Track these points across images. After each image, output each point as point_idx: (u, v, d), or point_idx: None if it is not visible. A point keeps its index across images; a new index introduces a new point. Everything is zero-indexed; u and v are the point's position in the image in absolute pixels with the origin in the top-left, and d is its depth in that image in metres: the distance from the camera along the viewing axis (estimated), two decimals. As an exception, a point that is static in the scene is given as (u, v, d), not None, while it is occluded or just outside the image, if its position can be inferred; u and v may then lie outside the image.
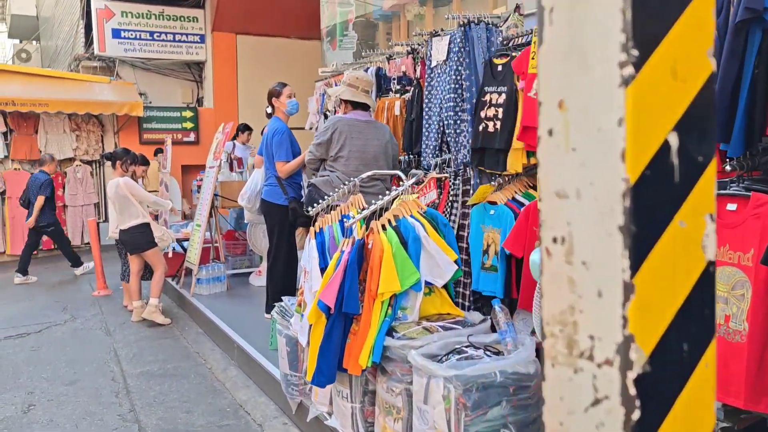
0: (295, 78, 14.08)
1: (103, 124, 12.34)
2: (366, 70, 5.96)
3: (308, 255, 3.50)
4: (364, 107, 4.72)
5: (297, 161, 5.23)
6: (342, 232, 3.46)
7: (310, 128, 8.50)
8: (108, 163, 12.55)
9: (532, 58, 4.02)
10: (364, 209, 3.46)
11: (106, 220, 12.57)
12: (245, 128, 8.86)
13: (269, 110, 5.42)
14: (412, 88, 5.05)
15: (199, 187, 7.89)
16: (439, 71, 4.70)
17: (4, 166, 11.47)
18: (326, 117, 6.88)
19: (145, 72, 13.03)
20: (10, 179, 11.28)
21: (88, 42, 12.90)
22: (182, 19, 12.86)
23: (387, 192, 4.72)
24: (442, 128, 4.72)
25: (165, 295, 7.06)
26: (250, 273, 7.56)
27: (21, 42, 23.41)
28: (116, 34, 12.41)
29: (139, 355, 5.65)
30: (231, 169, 8.19)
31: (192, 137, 12.72)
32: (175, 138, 12.46)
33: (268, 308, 5.48)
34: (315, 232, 3.55)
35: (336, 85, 6.79)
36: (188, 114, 12.80)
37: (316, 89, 8.40)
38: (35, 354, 5.82)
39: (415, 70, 5.38)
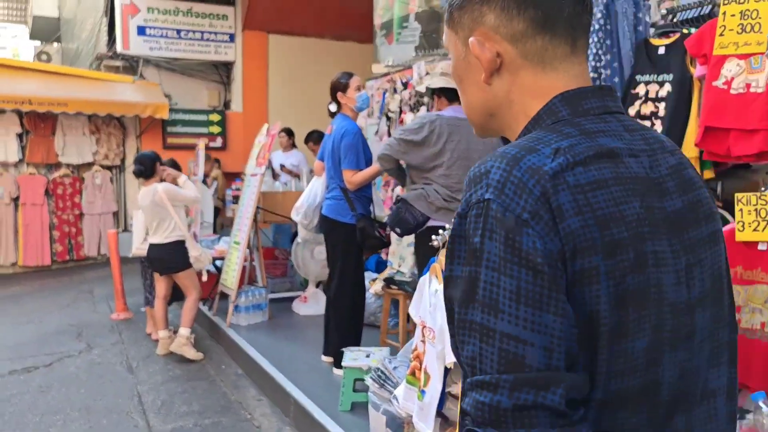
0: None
1: (125, 127, 11.31)
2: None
3: (430, 305, 2.40)
4: (464, 101, 3.63)
5: (370, 171, 4.13)
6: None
7: (359, 134, 7.46)
8: (130, 168, 11.53)
9: (721, 35, 2.90)
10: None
11: (126, 230, 11.54)
12: (288, 133, 7.75)
13: (333, 107, 4.32)
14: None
15: (235, 197, 6.81)
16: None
17: (18, 170, 10.44)
18: (388, 118, 5.79)
19: (170, 72, 12.01)
20: (25, 184, 10.25)
21: (111, 40, 11.91)
22: (211, 16, 11.85)
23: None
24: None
25: (196, 324, 5.98)
26: (292, 298, 6.47)
27: (42, 44, 22.58)
28: (141, 31, 11.41)
29: (168, 403, 4.54)
30: (274, 177, 7.09)
31: (219, 142, 11.67)
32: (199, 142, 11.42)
33: (331, 353, 4.37)
34: (441, 271, 2.44)
35: (407, 84, 5.72)
36: (215, 118, 11.76)
37: (368, 89, 7.37)
38: (43, 397, 4.72)
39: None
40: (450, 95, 3.62)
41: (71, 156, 10.66)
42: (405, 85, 5.70)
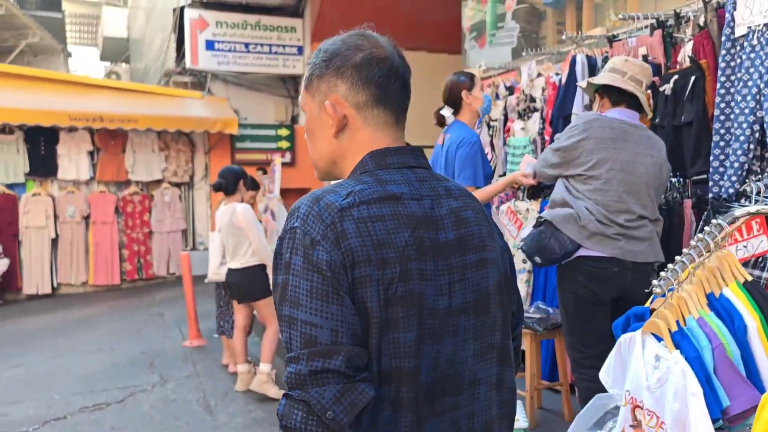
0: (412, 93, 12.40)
1: (194, 143, 10.97)
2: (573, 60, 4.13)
3: (649, 379, 1.67)
4: (631, 104, 2.88)
5: (492, 189, 3.42)
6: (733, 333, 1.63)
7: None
8: (199, 184, 11.19)
9: None
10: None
11: (194, 248, 11.16)
12: None
13: (448, 112, 3.64)
14: (688, 74, 3.19)
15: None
16: (755, 42, 2.82)
17: (89, 188, 10.19)
18: (489, 127, 5.08)
19: (237, 87, 11.65)
20: (96, 202, 9.98)
21: (180, 56, 11.65)
22: (279, 29, 11.43)
23: (657, 235, 2.88)
24: (756, 135, 2.84)
25: (279, 358, 5.38)
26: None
27: (112, 64, 22.87)
28: (210, 45, 11.08)
29: (254, 454, 3.94)
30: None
31: (288, 158, 11.19)
32: (269, 159, 10.97)
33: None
34: (671, 330, 1.71)
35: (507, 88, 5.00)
36: (284, 132, 11.30)
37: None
38: (115, 441, 4.20)
39: (668, 52, 3.52)
40: (615, 96, 2.88)
41: (140, 173, 10.36)
42: (510, 90, 4.99)
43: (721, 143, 2.93)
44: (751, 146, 2.79)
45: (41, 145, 9.74)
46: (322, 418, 1.00)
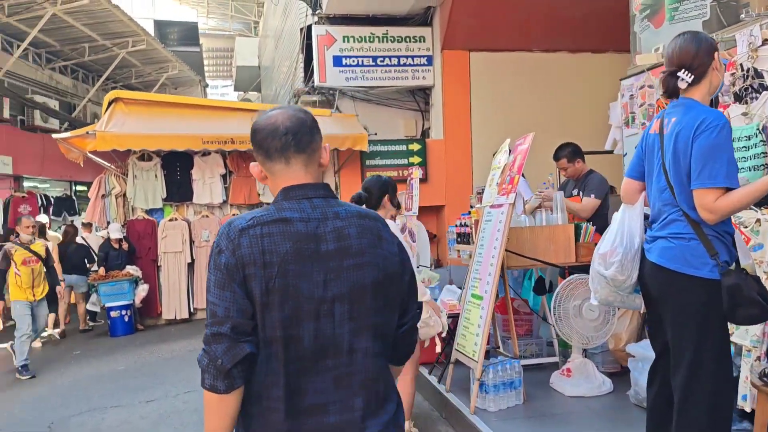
0: (549, 97, 11.32)
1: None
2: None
3: None
4: None
5: (753, 190, 2.37)
6: None
7: (611, 150, 5.62)
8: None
9: None
10: None
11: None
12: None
13: (687, 77, 2.55)
14: None
15: (460, 235, 5.30)
16: None
17: (222, 211, 9.98)
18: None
19: (365, 103, 11.07)
20: (229, 226, 9.72)
21: (308, 76, 11.31)
22: (407, 39, 10.74)
23: None
24: None
25: (419, 395, 4.52)
26: (543, 366, 4.78)
27: (244, 93, 23.50)
28: (337, 61, 10.60)
29: None
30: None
31: (420, 173, 10.37)
32: (401, 175, 10.25)
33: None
34: None
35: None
36: (415, 147, 10.53)
37: (624, 90, 5.56)
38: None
39: None
40: None
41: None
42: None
43: None
44: None
45: (177, 171, 9.65)
46: (215, 363, 1.48)
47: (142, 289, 8.97)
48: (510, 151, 4.48)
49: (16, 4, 11.33)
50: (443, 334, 4.10)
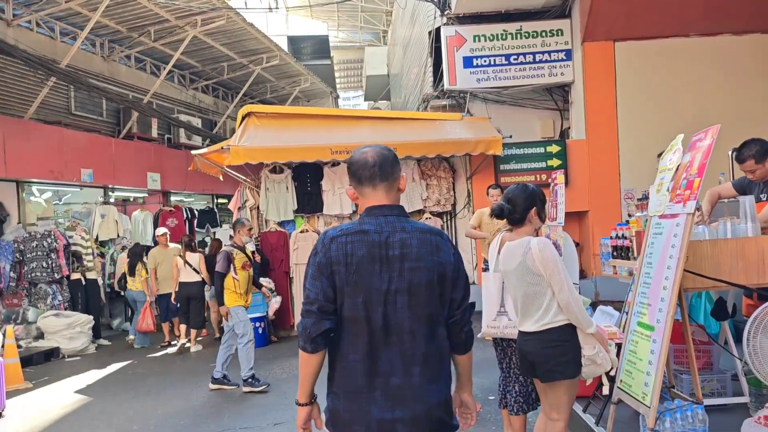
0: (711, 88, 9.83)
1: (455, 169, 9.95)
2: None
3: None
4: None
5: None
6: None
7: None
8: (462, 213, 10.10)
9: None
10: None
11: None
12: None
13: None
14: None
15: (617, 249, 4.53)
16: None
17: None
18: None
19: (497, 105, 10.41)
20: (359, 237, 9.46)
21: (437, 80, 10.85)
22: (543, 34, 9.96)
23: None
24: None
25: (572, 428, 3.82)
26: (728, 408, 3.90)
27: (374, 103, 23.56)
28: (468, 62, 10.04)
29: None
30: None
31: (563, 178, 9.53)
32: (538, 180, 9.47)
33: None
34: None
35: None
36: (554, 149, 9.69)
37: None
38: None
39: None
40: None
41: (402, 204, 9.61)
42: None
43: None
44: None
45: (307, 182, 9.55)
46: (306, 332, 2.07)
47: (275, 301, 8.92)
48: (685, 149, 3.67)
49: (161, 29, 11.93)
50: (612, 372, 3.39)
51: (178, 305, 9.05)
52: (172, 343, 9.22)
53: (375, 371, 2.05)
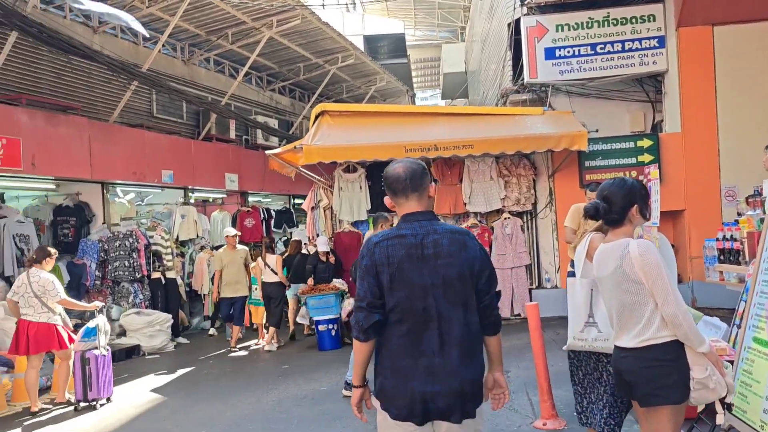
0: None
1: (536, 166, 9.44)
2: None
3: None
4: None
5: None
6: None
7: None
8: (543, 213, 9.58)
9: None
10: None
11: (540, 286, 9.54)
12: None
13: None
14: None
15: (724, 252, 3.98)
16: None
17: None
18: None
19: (582, 98, 9.81)
20: (434, 237, 9.13)
21: (516, 74, 10.36)
22: (633, 20, 9.28)
23: None
24: None
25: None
26: None
27: (451, 101, 23.14)
28: (549, 54, 9.51)
29: None
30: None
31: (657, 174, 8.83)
32: (628, 176, 8.79)
33: None
34: None
35: None
36: (645, 143, 9.00)
37: None
38: None
39: None
40: None
41: (479, 204, 9.21)
42: None
43: None
44: None
45: (381, 181, 9.28)
46: (358, 324, 2.43)
47: (349, 303, 8.72)
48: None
49: (238, 31, 12.05)
50: (727, 399, 2.91)
51: (231, 311, 9.04)
52: (237, 347, 9.10)
53: (417, 352, 2.41)
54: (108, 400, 6.38)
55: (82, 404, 6.19)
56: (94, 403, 6.20)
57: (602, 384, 3.42)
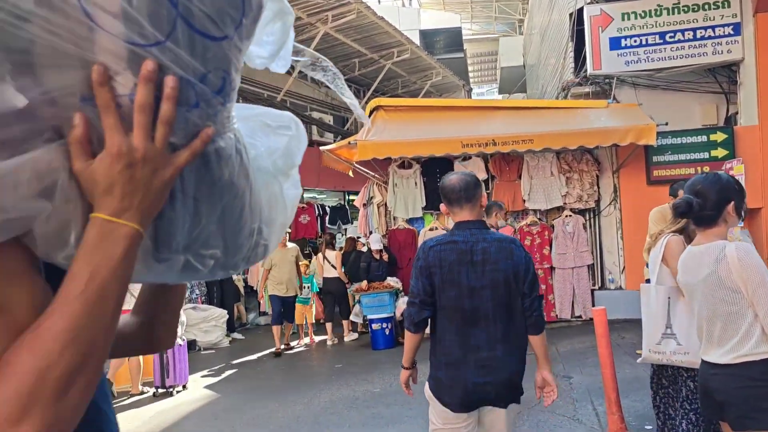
0: None
1: (599, 162, 9.00)
2: None
3: None
4: None
5: None
6: None
7: None
8: (607, 210, 9.14)
9: None
10: None
11: (603, 287, 9.11)
12: None
13: None
14: None
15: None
16: None
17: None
18: None
19: (649, 90, 9.28)
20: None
21: (579, 65, 9.91)
22: (705, 7, 8.70)
23: None
24: None
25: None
26: None
27: (508, 95, 22.62)
28: (615, 44, 9.03)
29: None
30: None
31: (742, 169, 8.27)
32: (699, 173, 8.26)
33: None
34: None
35: None
36: (719, 137, 8.44)
37: None
38: None
39: None
40: None
41: (538, 201, 8.86)
42: None
43: None
44: None
45: (437, 177, 9.07)
46: (410, 318, 2.74)
47: (403, 302, 8.54)
48: None
49: (294, 27, 12.00)
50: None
51: (281, 310, 8.90)
52: (290, 344, 9.04)
53: (468, 347, 2.69)
54: (184, 387, 6.64)
55: (159, 390, 6.49)
56: (171, 389, 6.49)
57: (683, 398, 3.10)
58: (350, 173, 10.02)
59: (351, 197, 15.25)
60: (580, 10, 9.42)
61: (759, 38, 8.28)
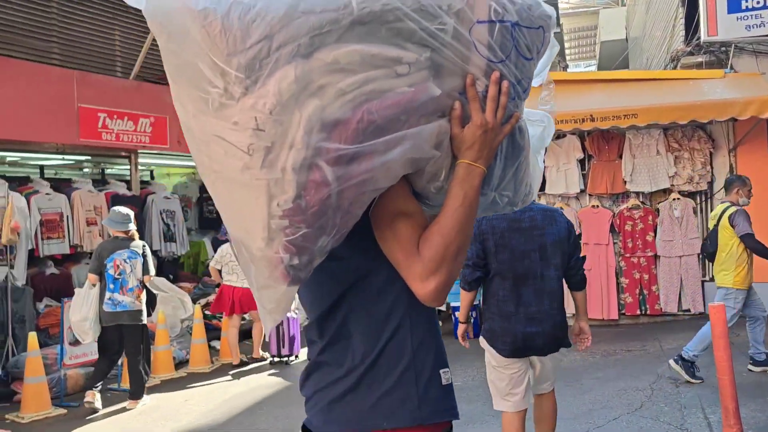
0: None
1: (713, 138, 8.06)
2: None
3: None
4: None
5: None
6: None
7: None
8: (721, 193, 8.18)
9: None
10: None
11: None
12: None
13: None
14: None
15: None
16: None
17: (580, 202, 8.43)
18: None
19: (773, 58, 8.20)
20: (587, 219, 8.11)
21: (690, 34, 8.91)
22: None
23: None
24: None
25: None
26: None
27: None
28: (734, 6, 8.00)
29: None
30: None
31: None
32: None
33: None
34: None
35: None
36: None
37: None
38: None
39: None
40: None
41: (642, 182, 8.04)
42: None
43: None
44: None
45: (527, 157, 8.46)
46: (464, 277, 3.27)
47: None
48: None
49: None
50: None
51: None
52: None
53: (519, 302, 3.18)
54: (296, 357, 7.07)
55: (276, 359, 7.04)
56: (286, 359, 7.02)
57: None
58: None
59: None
60: (695, -29, 8.43)
61: None
